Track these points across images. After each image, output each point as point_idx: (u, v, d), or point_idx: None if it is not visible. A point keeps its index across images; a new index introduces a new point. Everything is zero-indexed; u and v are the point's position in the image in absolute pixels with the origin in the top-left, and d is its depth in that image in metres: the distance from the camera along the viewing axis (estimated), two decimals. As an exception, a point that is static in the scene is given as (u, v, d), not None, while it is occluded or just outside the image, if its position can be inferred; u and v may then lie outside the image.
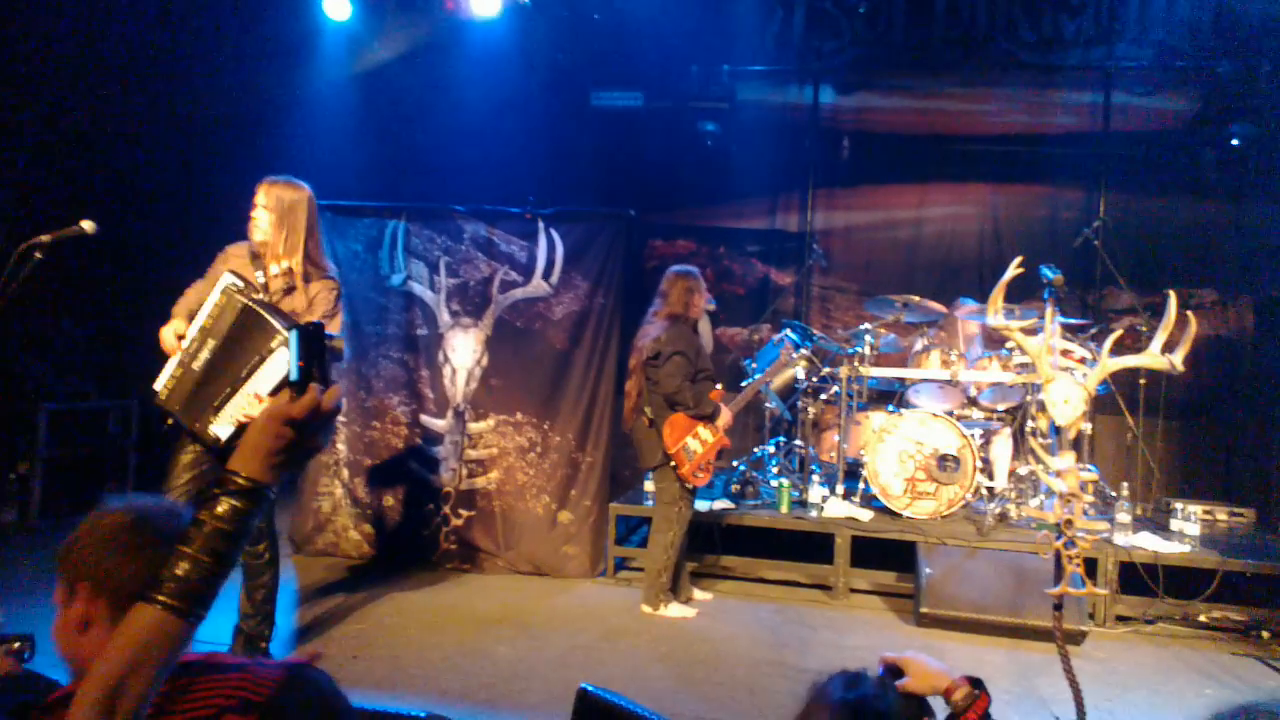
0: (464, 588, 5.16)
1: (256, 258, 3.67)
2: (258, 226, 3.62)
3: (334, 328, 3.70)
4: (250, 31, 6.90)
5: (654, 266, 8.01)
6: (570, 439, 5.47)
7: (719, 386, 4.82)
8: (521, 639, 4.29)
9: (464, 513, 5.50)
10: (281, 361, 3.31)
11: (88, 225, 3.28)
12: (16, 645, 1.69)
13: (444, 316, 5.60)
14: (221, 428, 3.38)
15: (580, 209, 5.83)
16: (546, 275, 5.55)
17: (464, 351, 5.57)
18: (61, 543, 1.37)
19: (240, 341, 3.38)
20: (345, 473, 5.60)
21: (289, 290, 3.64)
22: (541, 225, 5.56)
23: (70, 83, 6.62)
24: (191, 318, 3.52)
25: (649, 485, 5.57)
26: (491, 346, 5.56)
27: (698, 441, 4.60)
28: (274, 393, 3.37)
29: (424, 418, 5.59)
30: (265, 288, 3.63)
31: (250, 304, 3.39)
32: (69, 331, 6.89)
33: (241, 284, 3.47)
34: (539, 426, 5.50)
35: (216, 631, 3.83)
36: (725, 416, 4.72)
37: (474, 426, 5.54)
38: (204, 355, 3.43)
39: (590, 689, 1.67)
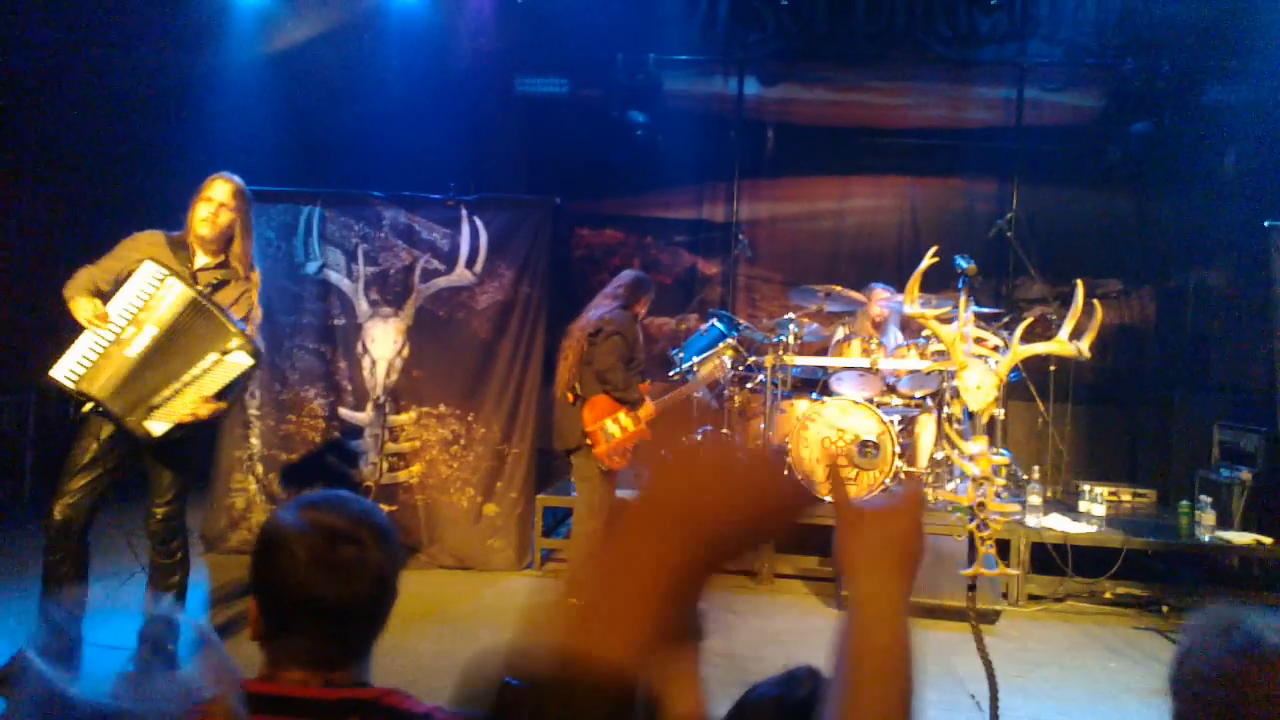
0: (386, 583, 5.04)
1: (183, 248, 3.52)
2: (213, 222, 3.47)
3: (253, 323, 3.59)
4: (159, 8, 6.59)
5: (581, 255, 7.96)
6: (495, 431, 5.39)
7: (647, 381, 4.84)
8: (446, 634, 4.22)
9: (385, 507, 5.35)
10: (237, 364, 3.31)
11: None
12: None
13: (362, 306, 5.46)
14: (157, 424, 3.29)
15: (505, 196, 5.75)
16: (470, 264, 5.45)
17: (384, 342, 5.43)
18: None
19: (188, 336, 3.29)
20: (260, 468, 5.41)
21: (220, 285, 3.54)
22: (464, 213, 5.46)
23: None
24: (99, 297, 3.33)
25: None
26: (413, 337, 5.44)
27: (617, 426, 4.60)
28: (221, 396, 3.35)
29: (342, 410, 5.44)
30: (194, 278, 3.49)
31: (201, 299, 3.31)
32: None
33: (167, 272, 3.33)
34: (463, 418, 5.41)
35: (122, 634, 3.67)
36: (649, 407, 4.72)
37: (395, 419, 5.42)
38: (141, 344, 3.28)
39: (515, 683, 1.63)
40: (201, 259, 3.54)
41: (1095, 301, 3.03)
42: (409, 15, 6.85)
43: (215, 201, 3.49)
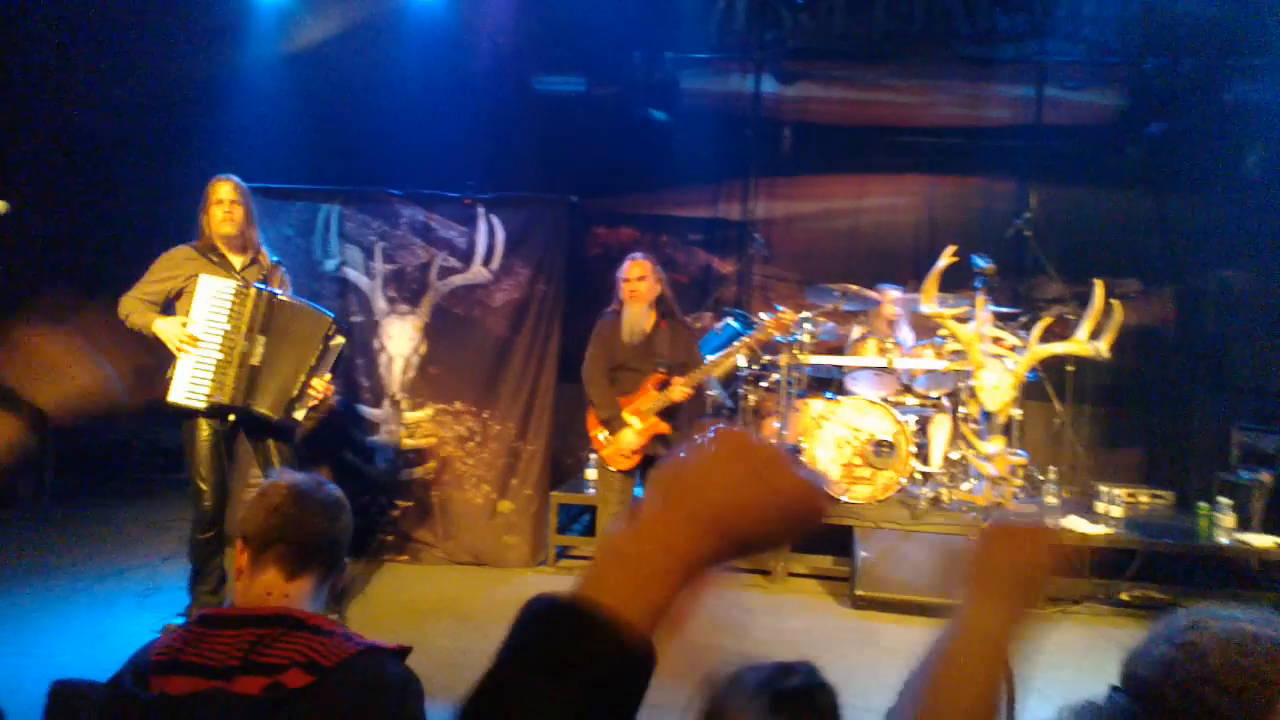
0: (401, 579, 5.08)
1: (214, 254, 3.78)
2: (232, 220, 3.76)
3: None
4: (180, 9, 6.65)
5: (597, 254, 7.96)
6: (511, 428, 5.41)
7: (661, 371, 4.60)
8: (461, 630, 4.24)
9: (401, 503, 5.41)
10: (339, 344, 3.89)
11: (0, 204, 3.14)
12: None
13: (380, 303, 5.49)
14: (302, 412, 3.82)
15: (522, 194, 5.76)
16: (486, 261, 5.48)
17: (401, 339, 5.46)
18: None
19: (293, 333, 3.75)
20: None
21: (265, 280, 3.89)
22: (481, 211, 5.48)
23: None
24: (166, 313, 3.70)
25: (590, 473, 5.59)
26: (429, 334, 5.47)
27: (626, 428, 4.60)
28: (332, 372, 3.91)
29: (359, 407, 5.47)
30: (244, 278, 3.80)
31: (279, 298, 3.78)
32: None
33: (236, 284, 3.71)
34: (478, 415, 5.43)
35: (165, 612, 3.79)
36: (629, 432, 4.46)
37: (411, 416, 5.45)
38: (259, 351, 3.69)
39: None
40: (237, 260, 3.82)
41: (1115, 302, 3.01)
42: (427, 14, 6.88)
43: (227, 201, 3.76)
